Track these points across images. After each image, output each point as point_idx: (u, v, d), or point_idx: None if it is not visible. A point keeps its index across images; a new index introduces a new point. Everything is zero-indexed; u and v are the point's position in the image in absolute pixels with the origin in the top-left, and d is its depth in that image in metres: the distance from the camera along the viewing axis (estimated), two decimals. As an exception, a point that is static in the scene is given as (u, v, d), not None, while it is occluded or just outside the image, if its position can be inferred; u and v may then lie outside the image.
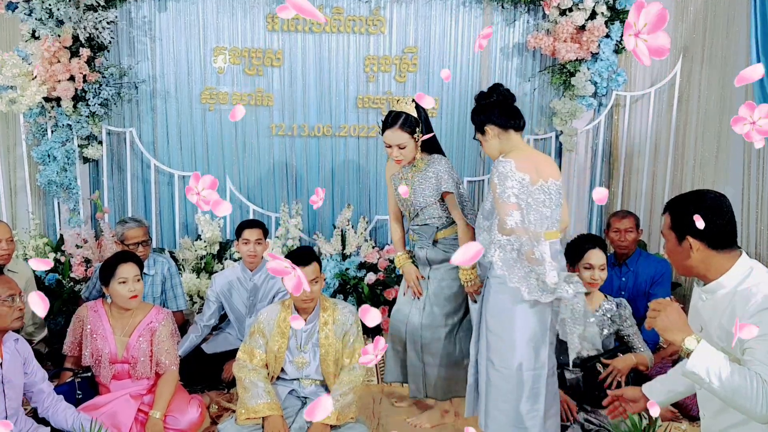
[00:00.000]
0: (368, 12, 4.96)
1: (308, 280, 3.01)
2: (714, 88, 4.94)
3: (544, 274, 2.68)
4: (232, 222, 4.99)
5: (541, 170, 2.79)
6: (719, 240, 2.07)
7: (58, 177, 4.66)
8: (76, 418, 2.89)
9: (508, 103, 2.92)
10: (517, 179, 2.69)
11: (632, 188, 5.21)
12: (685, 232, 2.10)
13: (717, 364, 1.89)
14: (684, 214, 2.11)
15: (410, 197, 3.28)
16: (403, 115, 3.15)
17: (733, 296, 2.04)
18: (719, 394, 1.90)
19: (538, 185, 2.76)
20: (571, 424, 3.17)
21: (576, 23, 4.67)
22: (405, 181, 3.29)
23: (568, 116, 4.91)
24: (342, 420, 3.05)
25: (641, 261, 4.05)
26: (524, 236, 2.68)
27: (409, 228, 3.43)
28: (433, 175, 3.22)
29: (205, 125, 5.01)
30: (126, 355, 3.21)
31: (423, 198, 3.24)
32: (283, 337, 3.16)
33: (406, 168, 3.31)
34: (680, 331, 1.98)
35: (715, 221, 2.06)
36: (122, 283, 3.15)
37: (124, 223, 3.95)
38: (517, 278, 2.72)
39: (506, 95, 2.94)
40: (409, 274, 3.40)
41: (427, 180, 3.23)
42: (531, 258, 2.68)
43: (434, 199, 3.24)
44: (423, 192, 3.24)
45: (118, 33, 4.80)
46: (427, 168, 3.25)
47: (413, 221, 3.37)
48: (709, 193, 2.15)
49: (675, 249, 2.16)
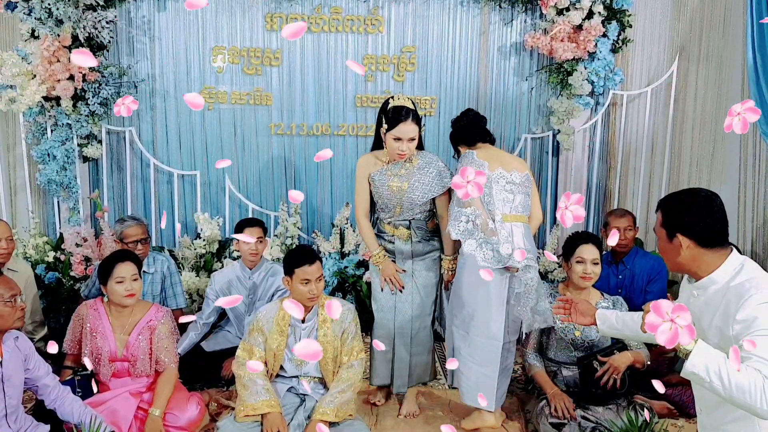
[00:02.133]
0: (366, 12, 4.98)
1: (314, 279, 3.06)
2: (710, 87, 4.96)
3: (498, 244, 3.14)
4: (231, 221, 5.00)
5: (505, 162, 3.31)
6: (709, 238, 2.10)
7: (58, 176, 4.67)
8: (83, 412, 2.90)
9: (479, 125, 3.44)
10: (477, 163, 3.21)
11: (629, 187, 5.23)
12: (675, 229, 2.13)
13: (716, 362, 1.90)
14: (675, 211, 2.14)
15: (406, 192, 3.33)
16: (413, 109, 3.24)
17: (726, 292, 2.06)
18: (720, 393, 1.91)
19: (497, 171, 3.25)
20: (569, 422, 3.20)
21: (573, 23, 4.69)
22: (398, 177, 3.34)
23: (566, 115, 4.93)
24: (340, 417, 3.07)
25: (638, 259, 4.07)
26: (480, 209, 3.16)
27: (390, 222, 3.47)
28: (434, 171, 3.35)
29: (205, 124, 5.03)
30: (125, 353, 3.22)
31: (422, 193, 3.34)
32: (282, 334, 3.18)
33: (395, 164, 3.36)
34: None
35: (705, 219, 2.09)
36: (119, 282, 3.17)
37: (123, 222, 3.96)
38: (472, 247, 3.16)
39: (475, 118, 3.46)
40: (390, 269, 3.44)
41: (428, 175, 3.34)
42: (486, 229, 3.15)
43: (438, 194, 3.36)
44: (423, 187, 3.33)
45: (117, 32, 4.82)
46: (425, 164, 3.35)
47: (398, 216, 3.43)
48: (701, 192, 2.17)
49: (666, 246, 2.19)
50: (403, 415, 3.55)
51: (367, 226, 3.50)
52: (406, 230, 3.46)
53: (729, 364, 1.90)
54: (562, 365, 3.44)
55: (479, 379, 3.29)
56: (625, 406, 3.27)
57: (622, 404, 3.28)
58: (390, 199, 3.39)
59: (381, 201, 3.45)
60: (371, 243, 3.48)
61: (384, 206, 3.45)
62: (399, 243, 3.46)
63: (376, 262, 3.47)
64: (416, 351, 3.55)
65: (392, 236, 3.47)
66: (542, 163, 5.20)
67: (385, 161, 3.38)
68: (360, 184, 3.46)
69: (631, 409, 3.22)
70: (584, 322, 2.62)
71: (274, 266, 4.01)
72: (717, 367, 1.90)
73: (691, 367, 1.93)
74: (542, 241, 5.24)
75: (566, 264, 3.41)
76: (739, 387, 1.87)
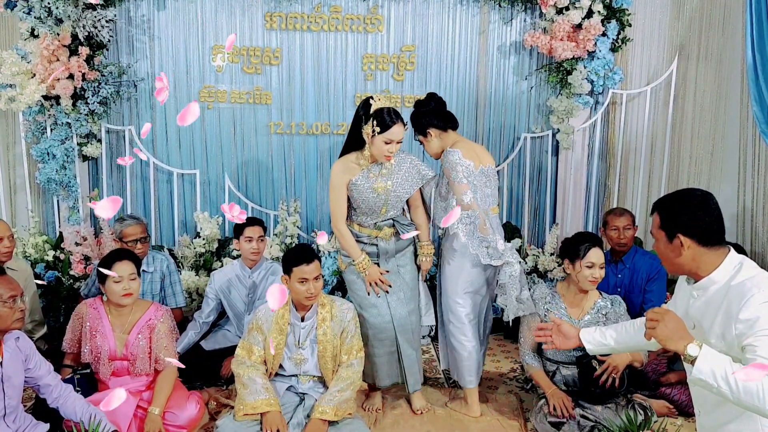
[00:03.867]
0: (366, 11, 4.98)
1: (312, 278, 3.06)
2: (710, 86, 4.97)
3: (495, 242, 3.36)
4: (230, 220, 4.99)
5: (481, 157, 3.50)
6: (709, 236, 2.10)
7: (58, 175, 4.67)
8: (85, 410, 2.90)
9: (443, 109, 3.58)
10: (464, 165, 3.38)
11: (628, 186, 5.23)
12: (675, 229, 2.13)
13: (722, 367, 1.90)
14: (673, 212, 2.15)
15: (392, 190, 3.41)
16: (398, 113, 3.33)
17: (727, 291, 2.06)
18: (729, 397, 1.91)
19: (479, 170, 3.45)
20: (567, 421, 3.20)
21: (573, 22, 4.68)
22: (382, 178, 3.39)
23: (565, 114, 4.93)
24: (340, 416, 3.08)
25: (637, 258, 4.07)
26: (477, 210, 3.36)
27: (373, 224, 3.49)
28: (409, 164, 3.48)
29: (204, 123, 5.03)
30: (125, 352, 3.23)
31: (407, 188, 3.47)
32: (282, 333, 3.18)
33: (373, 167, 3.40)
34: (681, 338, 1.99)
35: (704, 218, 2.09)
36: (117, 282, 3.17)
37: (123, 221, 3.97)
38: (475, 246, 3.38)
39: (441, 102, 3.59)
40: (376, 272, 3.47)
41: (407, 170, 3.47)
42: (483, 229, 3.36)
43: (420, 185, 3.53)
44: (406, 182, 3.46)
45: (117, 31, 4.81)
46: (401, 159, 3.47)
47: (383, 216, 3.47)
48: (696, 191, 2.19)
49: (666, 248, 2.19)
50: (419, 410, 3.58)
51: (348, 234, 3.47)
52: (390, 228, 3.50)
53: (735, 367, 1.90)
54: (560, 365, 3.45)
55: (467, 357, 3.52)
56: (623, 404, 3.27)
57: (620, 403, 3.28)
58: (375, 201, 3.40)
59: (365, 205, 3.43)
60: (354, 251, 3.45)
61: (368, 209, 3.44)
62: (383, 243, 3.49)
63: (362, 268, 3.44)
64: (418, 345, 3.60)
65: (375, 238, 3.48)
66: (542, 162, 5.20)
67: (365, 164, 3.38)
68: (338, 193, 3.43)
69: (630, 408, 3.23)
70: (568, 345, 2.61)
71: (273, 265, 4.02)
72: (723, 372, 1.89)
73: (698, 374, 1.93)
74: (541, 240, 5.25)
75: (571, 265, 3.37)
76: (746, 390, 1.87)
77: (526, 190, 5.20)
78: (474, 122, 5.18)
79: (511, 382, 4.04)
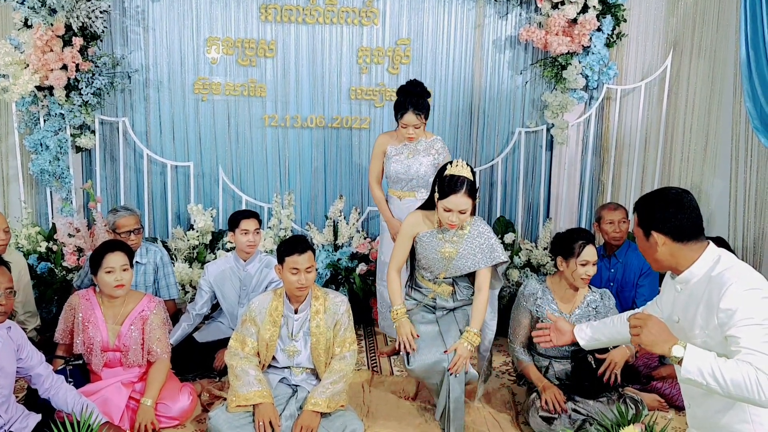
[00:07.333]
0: (361, 3, 4.97)
1: (303, 269, 3.06)
2: (704, 82, 4.99)
3: None
4: (225, 212, 5.00)
5: None
6: (682, 233, 2.16)
7: (51, 166, 4.65)
8: (77, 401, 2.90)
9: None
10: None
11: (622, 180, 5.25)
12: (650, 227, 2.20)
13: (708, 364, 1.96)
14: (647, 210, 2.23)
15: (455, 260, 3.26)
16: (470, 180, 3.12)
17: (708, 283, 2.11)
18: (719, 392, 1.96)
19: None
20: (559, 415, 3.21)
21: (568, 16, 4.69)
22: (450, 244, 3.26)
23: (560, 109, 4.94)
24: (332, 408, 3.08)
25: (630, 252, 4.08)
26: None
27: (433, 280, 3.38)
28: (485, 242, 3.25)
29: (198, 115, 5.02)
30: (117, 343, 3.23)
31: (470, 264, 3.26)
32: (275, 325, 3.18)
33: (446, 230, 3.25)
34: (665, 342, 2.05)
35: (677, 215, 2.16)
36: (109, 273, 3.16)
37: (116, 212, 3.96)
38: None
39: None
40: (407, 329, 3.25)
41: (478, 246, 3.25)
42: None
43: (483, 267, 3.26)
44: (472, 258, 3.26)
45: (111, 22, 4.79)
46: (477, 234, 3.26)
47: (441, 277, 3.34)
48: (672, 190, 2.25)
49: (644, 245, 2.26)
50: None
51: (397, 280, 3.33)
52: (449, 287, 3.39)
53: (720, 362, 1.94)
54: (553, 359, 3.45)
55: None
56: (615, 398, 3.28)
57: (612, 397, 3.29)
58: (436, 262, 3.30)
59: (425, 261, 3.33)
60: (395, 297, 3.31)
61: (428, 266, 3.35)
62: (440, 300, 3.39)
63: (395, 318, 3.28)
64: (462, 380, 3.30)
65: (433, 292, 3.39)
66: (536, 157, 5.21)
67: (435, 225, 3.26)
68: (404, 240, 3.33)
69: (621, 401, 3.24)
70: (564, 340, 2.73)
71: (268, 258, 4.01)
72: (710, 368, 1.95)
73: (686, 374, 1.98)
74: (535, 235, 5.26)
75: (565, 262, 3.36)
76: (735, 383, 1.92)
77: (520, 185, 5.20)
78: (468, 116, 5.18)
79: (503, 375, 4.05)
